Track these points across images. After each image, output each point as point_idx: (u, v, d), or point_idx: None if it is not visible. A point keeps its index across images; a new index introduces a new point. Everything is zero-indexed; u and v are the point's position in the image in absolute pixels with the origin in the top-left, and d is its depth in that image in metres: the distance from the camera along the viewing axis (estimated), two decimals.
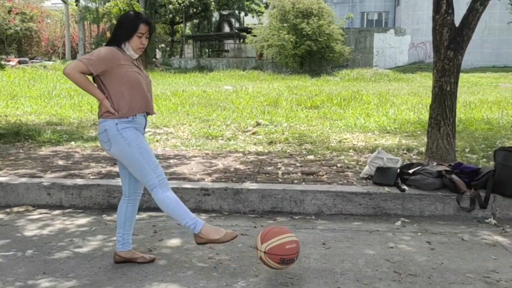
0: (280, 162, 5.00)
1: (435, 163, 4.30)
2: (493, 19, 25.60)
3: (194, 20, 40.17)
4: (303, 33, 23.56)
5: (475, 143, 5.89)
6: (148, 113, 2.77)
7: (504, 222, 3.69)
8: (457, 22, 4.57)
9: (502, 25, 25.65)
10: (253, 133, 6.93)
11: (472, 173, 3.94)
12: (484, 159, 4.99)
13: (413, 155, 5.36)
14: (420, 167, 4.09)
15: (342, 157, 5.26)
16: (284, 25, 24.39)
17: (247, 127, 7.39)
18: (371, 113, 8.92)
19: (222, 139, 6.50)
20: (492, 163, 4.18)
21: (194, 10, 35.12)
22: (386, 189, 3.92)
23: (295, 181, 4.21)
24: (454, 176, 3.86)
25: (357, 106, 10.03)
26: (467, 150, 5.53)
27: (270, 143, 6.20)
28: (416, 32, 27.18)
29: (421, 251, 3.10)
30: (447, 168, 4.01)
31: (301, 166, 4.84)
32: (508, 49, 26.93)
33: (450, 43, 4.50)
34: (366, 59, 27.32)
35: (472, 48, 25.35)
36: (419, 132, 6.87)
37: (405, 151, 5.57)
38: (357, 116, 8.50)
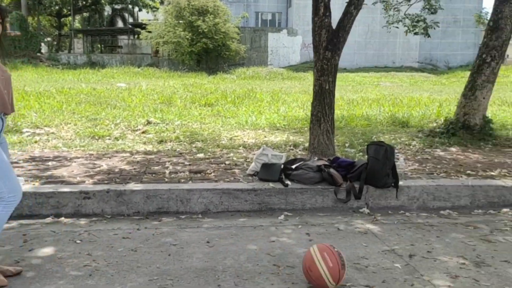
0: (169, 161, 4.91)
1: (316, 158, 4.54)
2: (374, 23, 27.66)
3: (84, 14, 37.99)
4: (199, 30, 23.48)
5: (354, 138, 6.32)
6: (5, 114, 2.50)
7: (376, 211, 4.00)
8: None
9: (383, 28, 27.89)
10: (143, 132, 6.72)
11: (348, 166, 4.22)
12: (361, 153, 5.37)
13: (299, 150, 5.60)
14: (302, 162, 4.28)
15: (232, 154, 5.32)
16: (180, 22, 24.07)
17: (137, 126, 7.15)
18: (263, 111, 9.16)
19: (109, 139, 6.21)
20: (366, 156, 4.51)
21: (84, 2, 33.23)
22: (271, 184, 4.03)
23: (182, 180, 4.16)
24: (332, 170, 4.10)
25: (250, 104, 10.23)
26: (347, 144, 5.92)
27: (160, 142, 6.06)
28: (307, 33, 28.38)
29: (300, 242, 3.24)
30: (326, 163, 4.25)
31: (189, 164, 4.79)
32: (388, 51, 29.34)
33: (328, 44, 4.77)
34: (261, 58, 28.01)
35: (357, 49, 27.32)
36: (306, 129, 7.18)
37: (292, 147, 5.79)
38: (250, 113, 8.67)
